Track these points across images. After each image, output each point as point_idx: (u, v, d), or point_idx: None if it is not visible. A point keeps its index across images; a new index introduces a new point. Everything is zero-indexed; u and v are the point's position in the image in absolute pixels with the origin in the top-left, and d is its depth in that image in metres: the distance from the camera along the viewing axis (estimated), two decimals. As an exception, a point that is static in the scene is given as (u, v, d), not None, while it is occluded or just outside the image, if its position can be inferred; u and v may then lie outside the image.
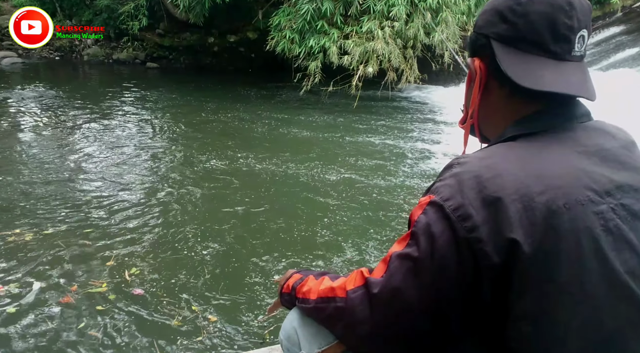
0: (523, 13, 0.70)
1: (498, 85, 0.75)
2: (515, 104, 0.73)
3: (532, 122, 0.71)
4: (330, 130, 6.22)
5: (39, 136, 5.44)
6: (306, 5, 6.69)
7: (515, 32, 0.71)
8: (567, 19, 0.68)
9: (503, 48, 0.72)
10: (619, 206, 0.65)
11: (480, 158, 0.69)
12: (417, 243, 0.67)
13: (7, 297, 2.50)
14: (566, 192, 0.62)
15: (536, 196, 0.61)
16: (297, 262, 2.97)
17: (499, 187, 0.63)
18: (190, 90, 8.44)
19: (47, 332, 2.26)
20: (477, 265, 0.62)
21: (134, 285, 2.66)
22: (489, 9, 0.76)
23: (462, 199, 0.64)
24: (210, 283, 2.71)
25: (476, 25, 0.79)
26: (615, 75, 7.14)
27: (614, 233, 0.63)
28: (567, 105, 0.73)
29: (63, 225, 3.30)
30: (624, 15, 8.84)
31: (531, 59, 0.70)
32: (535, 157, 0.66)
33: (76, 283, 2.65)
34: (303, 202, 3.87)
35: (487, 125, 0.81)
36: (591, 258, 0.62)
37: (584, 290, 0.61)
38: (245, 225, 3.44)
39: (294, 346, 1.00)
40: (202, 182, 4.25)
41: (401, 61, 6.86)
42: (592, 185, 0.64)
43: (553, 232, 0.61)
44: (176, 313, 2.44)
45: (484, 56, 0.76)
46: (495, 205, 0.62)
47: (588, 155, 0.68)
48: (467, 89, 0.83)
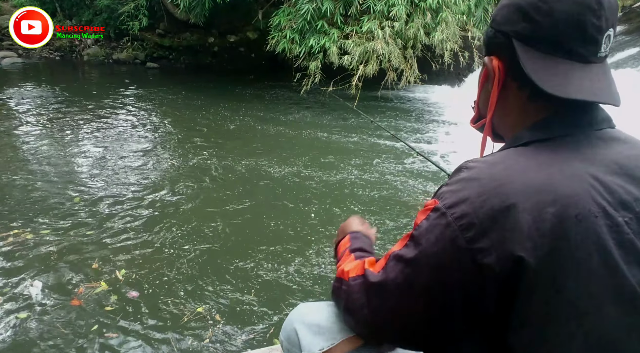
0: (548, 12, 0.65)
1: (517, 86, 0.71)
2: (534, 106, 0.70)
3: (550, 127, 0.68)
4: (330, 130, 6.22)
5: (39, 136, 5.43)
6: (306, 5, 6.69)
7: (539, 31, 0.66)
8: (596, 19, 0.64)
9: (525, 49, 0.67)
10: (634, 220, 0.62)
11: (490, 163, 0.66)
12: (415, 246, 0.67)
13: (15, 301, 2.50)
14: (578, 203, 0.60)
15: (547, 206, 0.59)
16: (298, 262, 2.97)
17: (507, 196, 0.60)
18: (190, 90, 8.44)
19: (58, 335, 2.26)
20: (479, 274, 0.61)
21: (137, 285, 2.66)
22: (508, 4, 0.70)
23: (467, 208, 0.62)
24: (213, 283, 2.71)
25: (494, 21, 0.74)
26: (615, 76, 7.10)
27: (627, 247, 0.61)
28: (588, 111, 0.69)
29: (64, 226, 3.30)
30: (624, 15, 8.83)
31: (555, 61, 0.66)
32: (548, 165, 0.63)
33: (80, 286, 2.65)
34: (303, 202, 3.87)
35: (502, 125, 0.77)
36: (601, 271, 0.60)
37: (592, 302, 0.60)
38: (246, 225, 3.44)
39: (294, 347, 0.99)
40: (202, 182, 4.25)
41: (401, 61, 6.85)
42: (607, 196, 0.61)
43: (563, 243, 0.59)
44: (182, 313, 2.44)
45: (502, 55, 0.72)
46: (503, 215, 0.60)
47: (605, 164, 0.64)
48: (481, 86, 0.79)
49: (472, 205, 0.61)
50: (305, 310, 1.04)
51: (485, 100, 0.78)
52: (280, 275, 2.82)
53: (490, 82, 0.74)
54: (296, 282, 2.77)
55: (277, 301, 2.59)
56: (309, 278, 2.80)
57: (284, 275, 2.82)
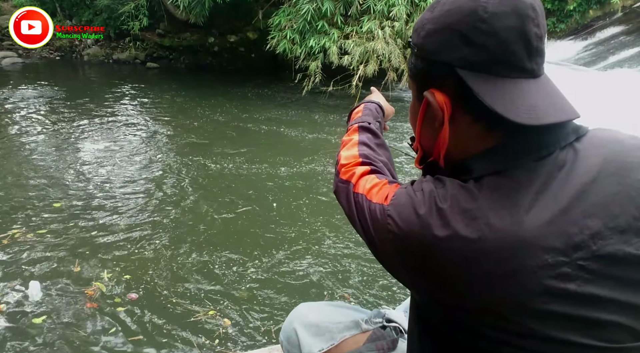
0: (490, 31, 0.57)
1: (470, 120, 0.62)
2: (490, 136, 0.62)
3: (503, 156, 0.60)
4: (330, 130, 6.22)
5: (38, 136, 5.43)
6: (306, 5, 6.69)
7: (485, 55, 0.58)
8: (536, 27, 0.59)
9: (475, 77, 0.59)
10: (591, 259, 0.55)
11: (434, 195, 0.62)
12: (368, 206, 0.72)
13: (10, 301, 2.50)
14: (516, 256, 0.55)
15: (481, 259, 0.56)
16: (299, 262, 2.97)
17: (432, 244, 0.59)
18: (190, 91, 8.43)
19: (56, 337, 2.27)
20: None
21: (135, 287, 2.66)
22: (438, 29, 0.62)
23: (398, 230, 0.64)
24: (213, 283, 2.71)
25: (424, 50, 0.64)
26: (615, 76, 7.13)
27: (573, 296, 0.56)
28: (552, 131, 0.60)
29: (63, 227, 3.30)
30: (624, 15, 8.83)
31: (511, 84, 0.59)
32: (492, 211, 0.57)
33: (79, 287, 2.65)
34: (304, 202, 3.87)
35: (449, 158, 0.68)
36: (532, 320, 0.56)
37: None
38: (246, 225, 3.44)
39: (294, 347, 0.99)
40: (202, 182, 4.25)
41: (401, 61, 6.85)
42: (555, 243, 0.55)
43: (491, 296, 0.57)
44: (182, 314, 2.44)
45: (443, 87, 0.63)
46: (426, 255, 0.60)
47: (565, 194, 0.57)
48: (420, 123, 0.69)
49: (399, 228, 0.63)
50: (304, 311, 1.04)
51: (430, 138, 0.69)
52: (280, 275, 2.82)
53: (434, 119, 0.65)
54: (296, 282, 2.77)
55: (277, 300, 2.59)
56: (309, 279, 2.80)
57: (283, 275, 2.82)
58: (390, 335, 0.98)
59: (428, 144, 0.71)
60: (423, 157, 0.73)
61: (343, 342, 0.94)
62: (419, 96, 0.68)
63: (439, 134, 0.65)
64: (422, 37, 0.64)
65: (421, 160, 0.74)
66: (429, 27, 0.63)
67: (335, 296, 2.65)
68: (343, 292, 2.68)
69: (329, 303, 1.04)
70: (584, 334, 0.56)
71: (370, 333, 0.97)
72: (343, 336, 0.95)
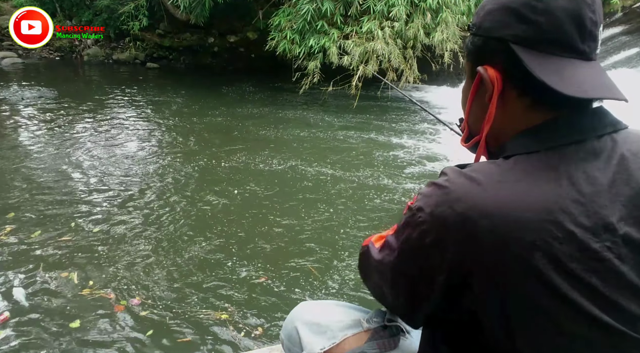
0: (545, 10, 0.61)
1: (516, 95, 0.65)
2: (533, 113, 0.65)
3: (542, 136, 0.63)
4: (330, 130, 6.22)
5: (38, 136, 5.43)
6: (306, 6, 6.69)
7: (538, 32, 0.62)
8: (592, 13, 0.61)
9: (527, 52, 0.62)
10: (619, 243, 0.58)
11: (466, 176, 0.62)
12: (396, 237, 0.70)
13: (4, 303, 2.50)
14: (539, 229, 0.56)
15: (511, 232, 0.57)
16: (299, 261, 2.97)
17: (462, 211, 0.59)
18: (190, 91, 8.43)
19: (54, 339, 2.26)
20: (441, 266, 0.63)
21: (138, 292, 2.66)
22: (496, 8, 0.66)
23: (426, 215, 0.63)
24: (212, 284, 2.71)
25: (481, 28, 0.68)
26: (615, 76, 7.12)
27: (607, 274, 0.58)
28: (593, 115, 0.64)
29: (62, 227, 3.30)
30: (624, 15, 8.83)
31: (562, 62, 0.61)
32: (518, 183, 0.59)
33: (78, 289, 2.65)
34: (304, 202, 3.87)
35: (493, 137, 0.71)
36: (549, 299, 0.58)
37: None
38: (246, 226, 3.44)
39: (295, 346, 0.99)
40: (202, 182, 4.25)
41: (401, 61, 6.86)
42: (585, 221, 0.57)
43: (504, 268, 0.58)
44: (182, 314, 2.44)
45: (496, 63, 0.66)
46: (456, 227, 0.60)
47: (590, 183, 0.59)
48: (470, 101, 0.72)
49: (430, 213, 0.62)
50: (306, 309, 1.04)
51: (478, 115, 0.72)
52: (281, 275, 2.82)
53: (484, 95, 0.68)
54: (296, 281, 2.77)
55: (277, 300, 2.59)
56: (309, 277, 2.80)
57: (284, 275, 2.82)
58: (392, 333, 0.98)
59: (475, 122, 0.73)
60: (469, 136, 0.76)
61: (344, 340, 0.94)
62: (472, 74, 0.71)
63: (486, 111, 0.68)
64: (481, 17, 0.69)
65: (467, 138, 0.77)
66: (488, 7, 0.68)
67: (336, 295, 2.65)
68: (345, 291, 2.69)
69: (330, 302, 1.04)
70: (604, 311, 0.58)
71: (371, 332, 0.97)
72: (344, 334, 0.95)
